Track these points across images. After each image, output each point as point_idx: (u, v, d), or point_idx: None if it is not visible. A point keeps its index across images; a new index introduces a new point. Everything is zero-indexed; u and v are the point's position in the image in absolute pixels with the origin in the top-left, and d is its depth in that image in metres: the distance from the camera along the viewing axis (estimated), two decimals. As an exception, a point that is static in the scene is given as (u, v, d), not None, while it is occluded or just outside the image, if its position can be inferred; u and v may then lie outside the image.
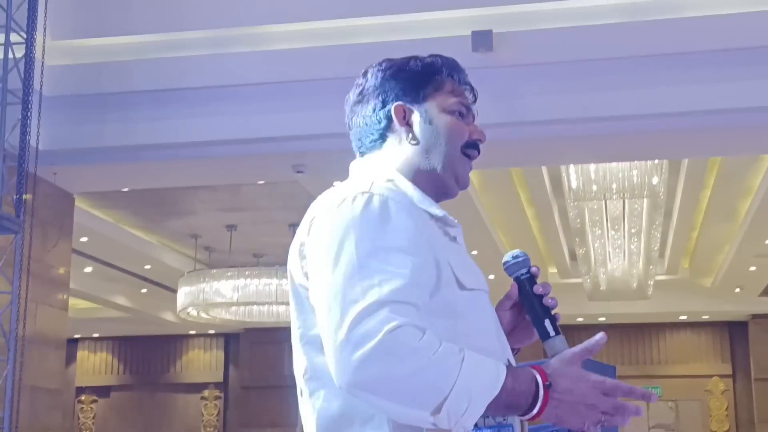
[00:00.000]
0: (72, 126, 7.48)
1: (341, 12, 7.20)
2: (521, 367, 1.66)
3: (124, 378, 19.40)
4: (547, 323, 1.84)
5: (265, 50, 7.30)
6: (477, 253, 11.40)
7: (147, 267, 13.65)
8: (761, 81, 6.73)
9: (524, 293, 1.90)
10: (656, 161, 9.68)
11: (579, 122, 7.03)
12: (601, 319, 17.50)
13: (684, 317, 17.51)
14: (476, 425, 1.61)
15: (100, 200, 10.76)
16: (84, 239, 11.28)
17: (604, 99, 6.92)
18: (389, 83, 1.91)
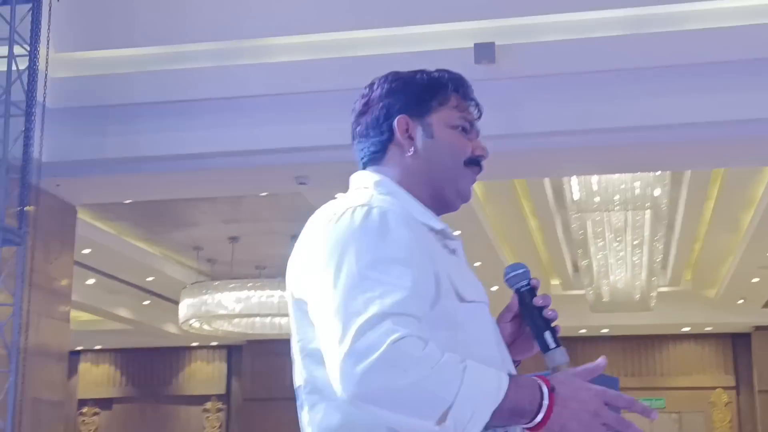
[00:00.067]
0: (75, 138, 7.48)
1: (343, 24, 7.21)
2: (524, 376, 1.65)
3: (127, 390, 19.37)
4: (548, 335, 1.84)
5: (267, 62, 7.31)
6: (480, 265, 11.39)
7: (149, 279, 13.65)
8: (763, 92, 6.73)
9: (524, 305, 1.89)
10: (659, 173, 9.68)
11: (581, 134, 7.03)
12: (604, 331, 17.47)
13: (687, 329, 17.48)
14: None
15: (103, 212, 10.76)
16: (86, 251, 11.28)
17: (607, 110, 6.91)
18: (394, 95, 1.91)
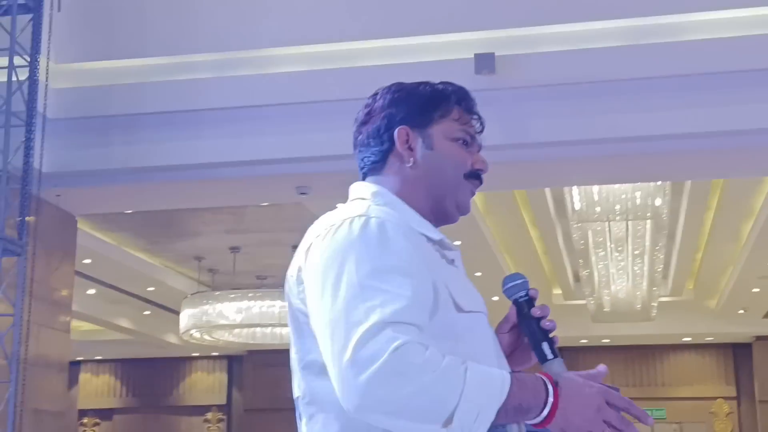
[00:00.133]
0: (75, 148, 7.48)
1: (345, 35, 7.21)
2: (526, 374, 1.67)
3: (127, 400, 19.35)
4: (545, 346, 1.84)
5: (268, 73, 7.31)
6: (481, 275, 11.39)
7: (150, 289, 13.64)
8: (764, 103, 6.73)
9: (522, 316, 1.89)
10: (659, 183, 9.68)
11: (582, 144, 7.02)
12: (605, 341, 17.45)
13: (688, 339, 17.46)
14: None
15: (103, 222, 10.76)
16: (87, 261, 11.28)
17: (607, 121, 6.91)
18: (396, 106, 1.92)
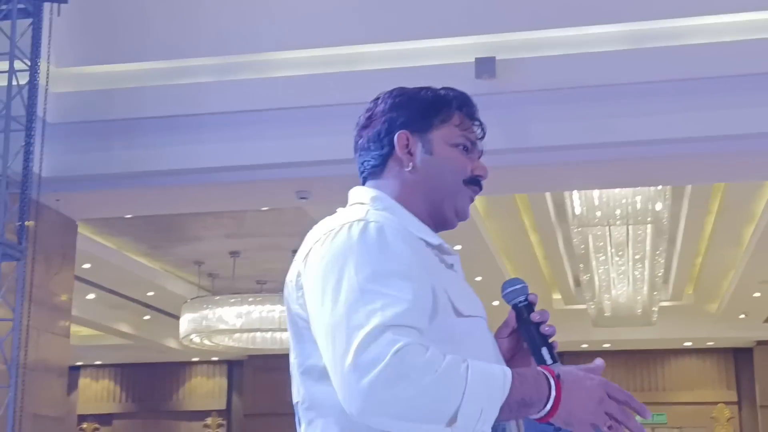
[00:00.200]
0: (75, 153, 7.47)
1: (345, 39, 7.21)
2: (527, 368, 1.68)
3: (127, 405, 19.33)
4: (544, 351, 1.83)
5: (268, 77, 7.30)
6: (481, 280, 11.37)
7: (150, 294, 13.63)
8: (764, 107, 6.73)
9: (522, 321, 1.89)
10: (660, 187, 9.67)
11: (582, 148, 7.02)
12: (606, 346, 17.43)
13: (689, 343, 17.44)
14: None
15: (103, 227, 10.75)
16: (87, 266, 11.27)
17: (608, 125, 6.91)
18: (397, 110, 1.91)
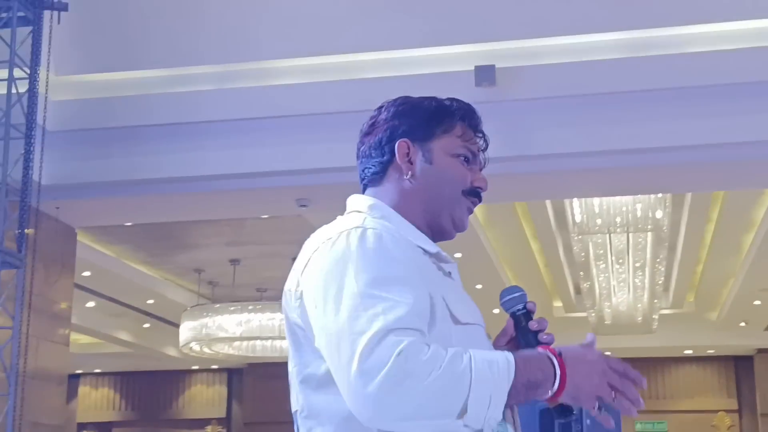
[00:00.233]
0: (75, 160, 7.47)
1: (345, 47, 7.21)
2: (528, 350, 1.72)
3: (126, 414, 19.29)
4: None
5: (269, 85, 7.31)
6: (482, 288, 11.37)
7: (150, 302, 13.61)
8: (764, 115, 6.73)
9: (520, 329, 1.89)
10: (660, 195, 9.66)
11: (582, 156, 7.02)
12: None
13: (689, 351, 17.42)
14: None
15: (103, 235, 10.74)
16: (86, 274, 11.26)
17: (608, 133, 6.91)
18: (400, 119, 1.92)
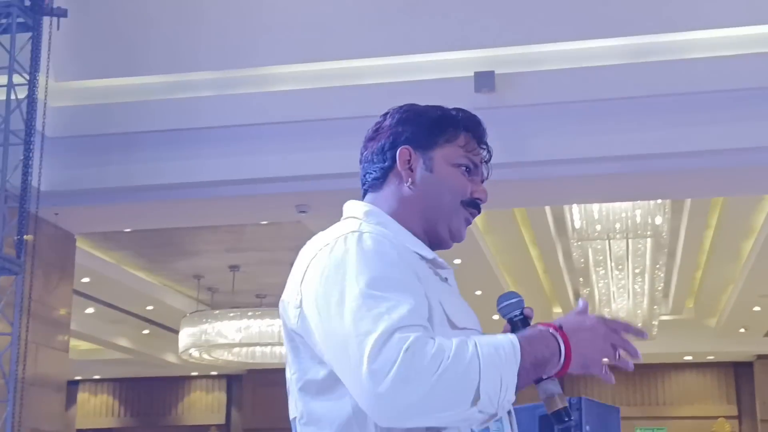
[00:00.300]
0: (74, 167, 7.47)
1: (345, 54, 7.21)
2: (528, 330, 1.73)
3: (126, 420, 19.25)
4: None
5: (268, 91, 7.31)
6: (481, 294, 11.36)
7: (149, 308, 13.59)
8: (763, 121, 6.73)
9: None
10: (659, 201, 9.66)
11: (582, 162, 7.02)
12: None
13: (689, 358, 17.40)
14: None
15: (102, 241, 10.74)
16: (86, 280, 11.25)
17: (607, 139, 6.91)
18: (403, 126, 1.92)
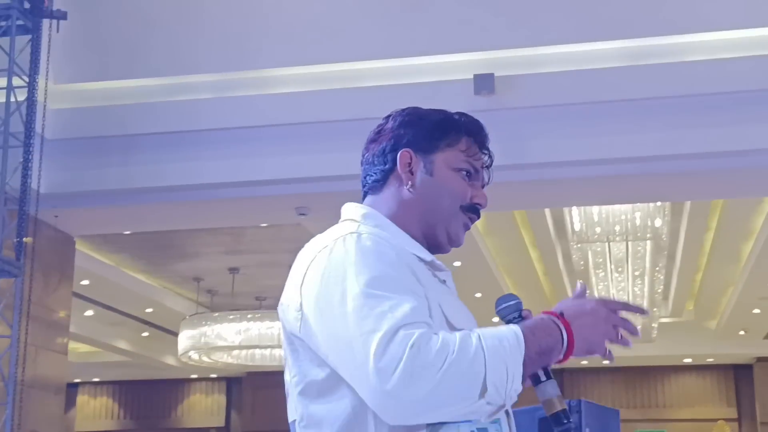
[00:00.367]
0: (73, 169, 7.47)
1: (344, 56, 7.21)
2: (530, 320, 1.74)
3: (125, 423, 19.23)
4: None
5: (268, 93, 7.31)
6: (481, 296, 11.36)
7: (148, 310, 13.58)
8: (763, 124, 6.73)
9: None
10: (659, 203, 9.66)
11: (582, 164, 7.02)
12: (606, 363, 17.37)
13: (689, 360, 17.39)
14: None
15: (102, 243, 10.73)
16: (85, 282, 11.24)
17: (607, 141, 6.91)
18: (405, 128, 1.93)
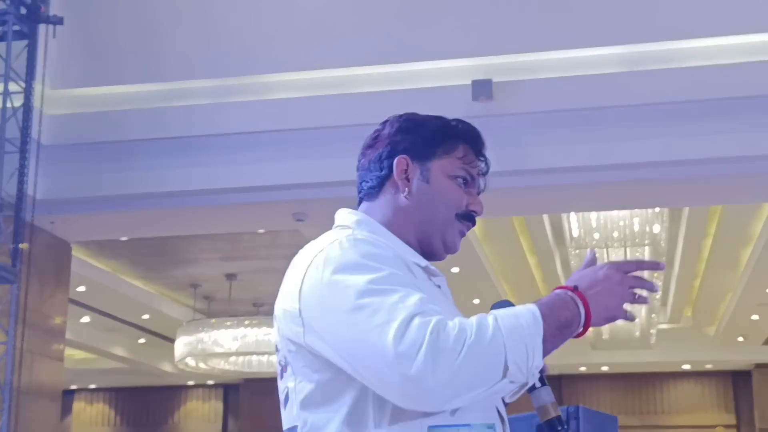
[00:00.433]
0: (70, 175, 7.45)
1: (342, 62, 7.20)
2: (545, 297, 1.72)
3: (121, 430, 19.20)
4: None
5: (263, 99, 7.29)
6: (479, 302, 11.34)
7: (145, 317, 13.56)
8: (761, 130, 6.72)
9: None
10: (657, 210, 9.65)
11: (580, 171, 7.01)
12: (604, 369, 17.38)
13: (687, 366, 17.38)
14: None
15: (98, 249, 10.71)
16: (81, 289, 11.21)
17: (605, 147, 6.90)
18: (402, 135, 1.92)
